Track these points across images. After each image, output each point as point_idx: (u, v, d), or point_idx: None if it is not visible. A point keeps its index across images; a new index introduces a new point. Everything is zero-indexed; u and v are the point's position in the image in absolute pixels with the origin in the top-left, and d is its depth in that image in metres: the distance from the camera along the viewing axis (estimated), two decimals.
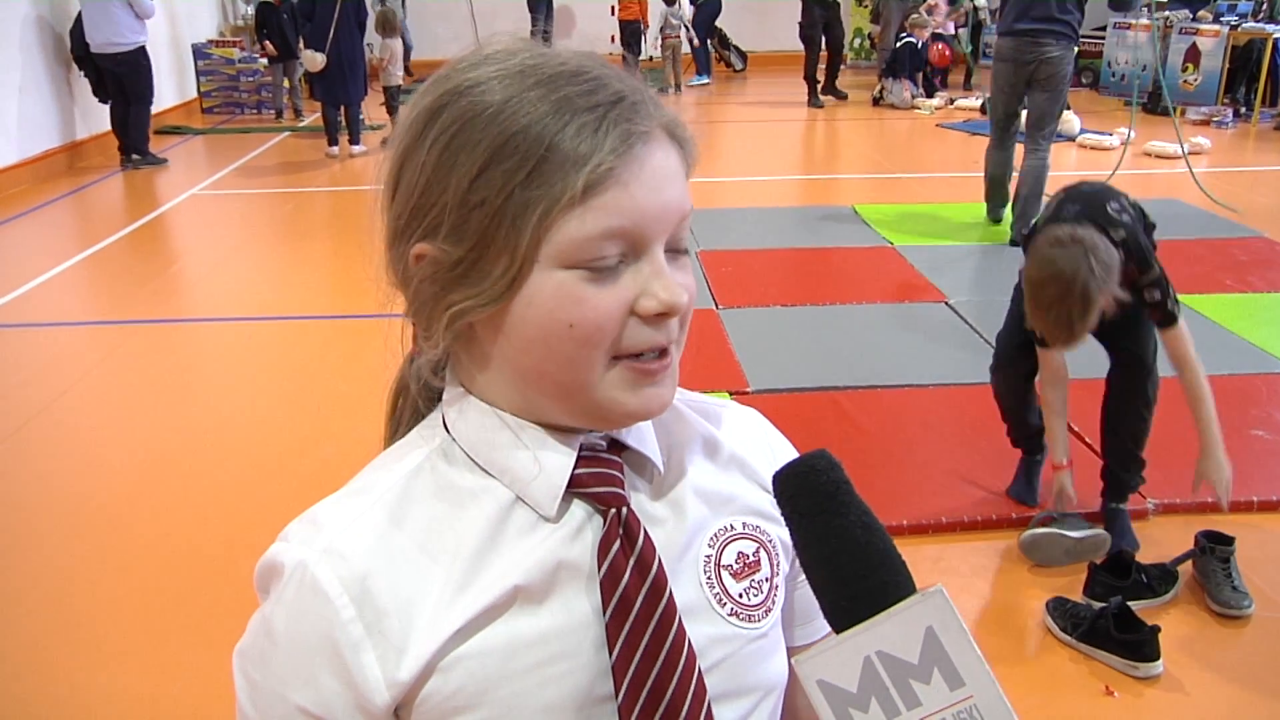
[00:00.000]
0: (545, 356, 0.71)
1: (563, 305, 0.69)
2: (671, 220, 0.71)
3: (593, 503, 0.75)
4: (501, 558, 0.73)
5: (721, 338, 4.18)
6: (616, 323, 0.70)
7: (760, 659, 0.80)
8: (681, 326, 0.75)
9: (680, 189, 0.72)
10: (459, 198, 0.69)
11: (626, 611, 0.72)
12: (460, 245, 0.70)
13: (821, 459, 0.67)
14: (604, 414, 0.74)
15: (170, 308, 4.89)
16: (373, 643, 0.70)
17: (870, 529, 0.65)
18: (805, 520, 0.66)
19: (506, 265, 0.69)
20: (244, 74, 10.72)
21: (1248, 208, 6.33)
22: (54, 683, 2.36)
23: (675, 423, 0.84)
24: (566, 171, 0.67)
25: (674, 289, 0.71)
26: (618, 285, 0.70)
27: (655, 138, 0.71)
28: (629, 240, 0.70)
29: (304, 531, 0.73)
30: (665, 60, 11.77)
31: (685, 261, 0.75)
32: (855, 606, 0.63)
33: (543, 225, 0.68)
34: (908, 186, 7.16)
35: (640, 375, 0.72)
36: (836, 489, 0.66)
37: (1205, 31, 9.58)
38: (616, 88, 0.71)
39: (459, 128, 0.70)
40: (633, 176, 0.69)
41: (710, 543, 0.80)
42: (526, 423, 0.75)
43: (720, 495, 0.82)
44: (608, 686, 0.72)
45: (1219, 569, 2.56)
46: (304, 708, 0.70)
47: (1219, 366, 3.85)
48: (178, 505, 3.12)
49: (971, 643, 0.60)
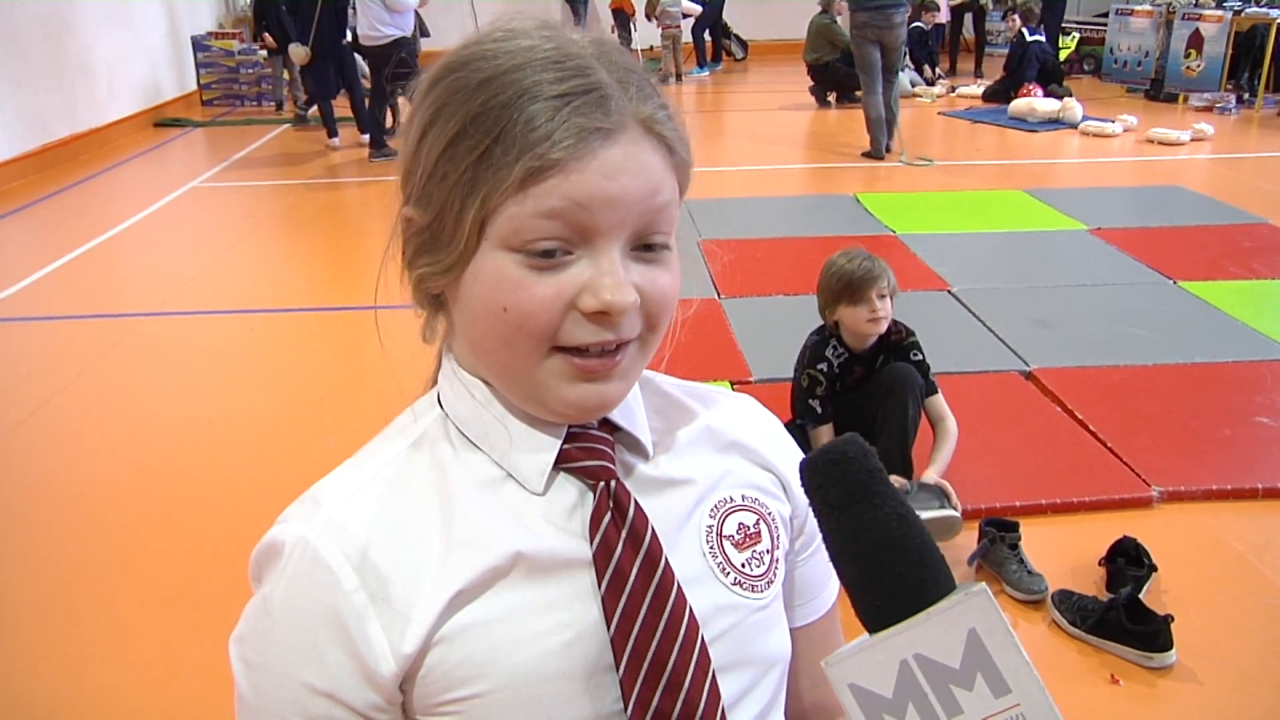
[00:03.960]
0: (486, 334, 0.72)
1: (500, 287, 0.69)
2: (630, 211, 0.69)
3: (581, 477, 0.75)
4: (500, 520, 0.73)
5: (724, 327, 4.17)
6: (552, 314, 0.69)
7: (763, 630, 0.80)
8: (651, 328, 0.73)
9: (646, 181, 0.69)
10: (429, 168, 0.71)
11: (621, 584, 0.72)
12: (426, 213, 0.72)
13: (853, 445, 0.63)
14: (543, 401, 0.73)
15: (171, 301, 4.88)
16: (377, 611, 0.70)
17: (906, 522, 0.61)
18: (836, 513, 0.62)
19: (458, 240, 0.70)
20: (244, 66, 10.70)
21: (1251, 194, 6.31)
22: (52, 677, 2.36)
23: (672, 409, 0.84)
24: (512, 158, 0.67)
25: (618, 288, 0.68)
26: (560, 277, 0.69)
27: (621, 133, 0.68)
28: (572, 226, 0.68)
29: (304, 509, 0.74)
30: (665, 50, 11.75)
31: (662, 259, 0.72)
32: (891, 606, 0.59)
33: (486, 207, 0.68)
34: (910, 175, 7.14)
35: (578, 370, 0.71)
36: (870, 478, 0.61)
37: (1208, 17, 9.54)
38: (594, 78, 0.69)
39: (443, 102, 0.71)
40: (580, 166, 0.67)
41: (711, 513, 0.80)
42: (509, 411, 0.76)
43: (719, 469, 0.82)
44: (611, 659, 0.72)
45: (1010, 556, 2.57)
46: (310, 684, 0.70)
47: (1223, 353, 3.86)
48: (177, 499, 3.11)
49: (1018, 646, 0.57)
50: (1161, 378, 3.68)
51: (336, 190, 7.22)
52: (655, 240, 0.71)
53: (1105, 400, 3.48)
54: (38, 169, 7.51)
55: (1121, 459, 3.09)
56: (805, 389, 2.79)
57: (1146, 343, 3.97)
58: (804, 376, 2.80)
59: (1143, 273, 4.80)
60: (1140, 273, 4.80)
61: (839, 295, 2.73)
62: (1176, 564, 2.60)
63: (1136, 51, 10.36)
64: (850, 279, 2.70)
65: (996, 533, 2.60)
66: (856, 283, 2.69)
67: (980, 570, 2.62)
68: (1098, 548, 2.61)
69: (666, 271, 0.72)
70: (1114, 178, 7.07)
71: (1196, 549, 2.71)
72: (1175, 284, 4.59)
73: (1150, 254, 5.00)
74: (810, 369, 2.79)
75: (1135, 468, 3.04)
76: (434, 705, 0.71)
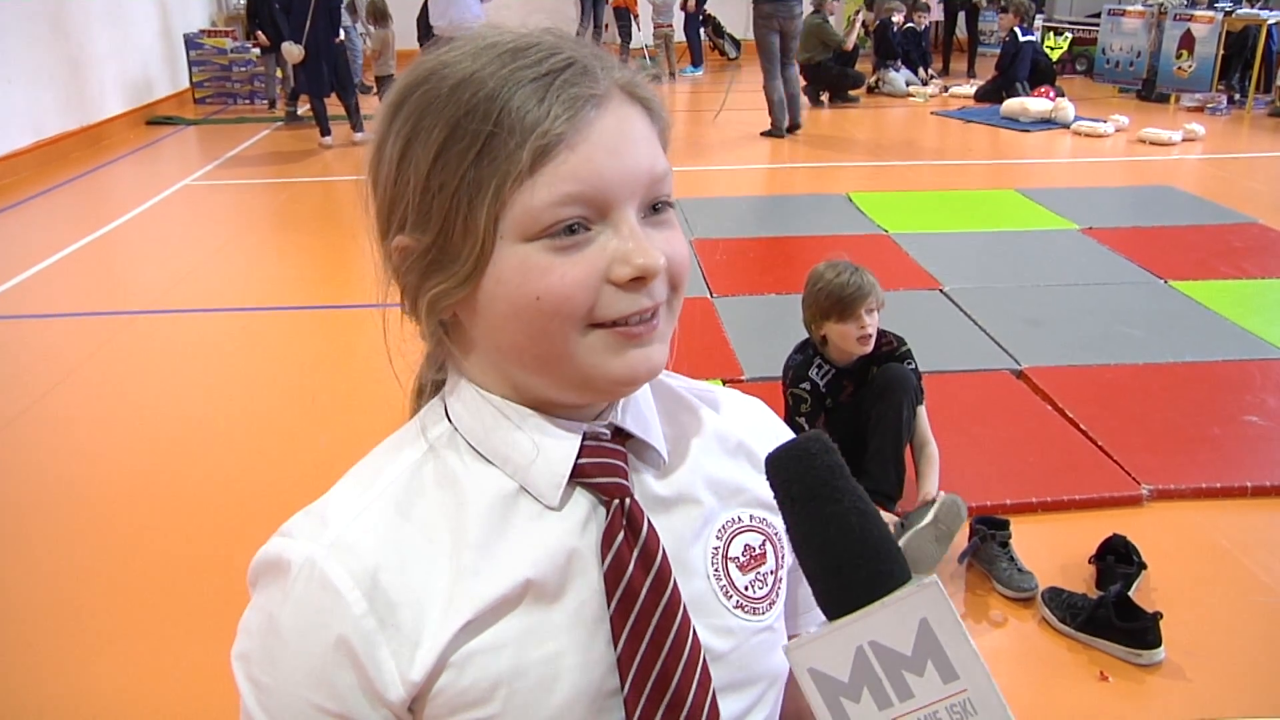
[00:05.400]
0: (519, 331, 0.70)
1: (529, 278, 0.68)
2: (639, 182, 0.70)
3: (596, 493, 0.74)
4: (510, 547, 0.72)
5: (716, 325, 4.18)
6: (587, 291, 0.68)
7: (765, 651, 0.80)
8: (674, 289, 0.73)
9: (647, 149, 0.71)
10: (420, 186, 0.70)
11: (631, 603, 0.72)
12: (427, 232, 0.70)
13: (815, 442, 0.65)
14: (589, 382, 0.72)
15: (164, 299, 4.87)
16: (386, 637, 0.69)
17: (865, 515, 0.63)
18: (798, 505, 0.64)
19: (471, 246, 0.69)
20: (236, 64, 10.67)
21: (1242, 194, 6.33)
22: (48, 676, 2.36)
23: (682, 411, 0.84)
24: (514, 144, 0.67)
25: (648, 252, 0.69)
26: (586, 254, 0.68)
27: (610, 100, 0.70)
28: (590, 205, 0.68)
29: (310, 527, 0.72)
30: (658, 48, 11.75)
31: (669, 219, 0.73)
32: (848, 595, 0.62)
33: (498, 202, 0.68)
34: (902, 174, 7.15)
35: (623, 338, 0.70)
36: (830, 474, 0.64)
37: (1200, 18, 9.57)
38: (567, 54, 0.70)
39: (417, 118, 0.70)
40: (583, 140, 0.67)
41: (719, 535, 0.80)
42: (527, 411, 0.74)
43: (729, 485, 0.82)
44: (618, 680, 0.72)
45: (1000, 554, 2.57)
46: (321, 705, 0.70)
47: (1213, 353, 3.88)
48: (173, 496, 3.11)
49: (966, 636, 0.60)
50: (1152, 377, 3.70)
51: (329, 188, 7.21)
52: (660, 200, 0.72)
53: (1096, 399, 3.50)
54: (30, 166, 7.48)
55: (1112, 457, 3.11)
56: (791, 407, 2.78)
57: (1137, 342, 3.99)
58: (788, 396, 2.79)
59: (1134, 272, 4.81)
60: (1131, 272, 4.82)
61: (827, 311, 2.67)
62: (1166, 562, 2.62)
63: (1128, 52, 10.39)
64: (840, 295, 2.63)
65: (987, 530, 2.61)
66: (846, 300, 2.62)
67: (971, 568, 2.63)
68: (1088, 545, 2.63)
69: (676, 232, 0.73)
70: (1105, 178, 7.09)
71: (1186, 547, 2.73)
72: (1166, 283, 4.61)
73: (1141, 253, 5.02)
74: (794, 388, 2.77)
75: (1125, 466, 3.05)
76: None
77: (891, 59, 10.70)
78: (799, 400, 2.76)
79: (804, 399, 2.75)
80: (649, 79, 0.75)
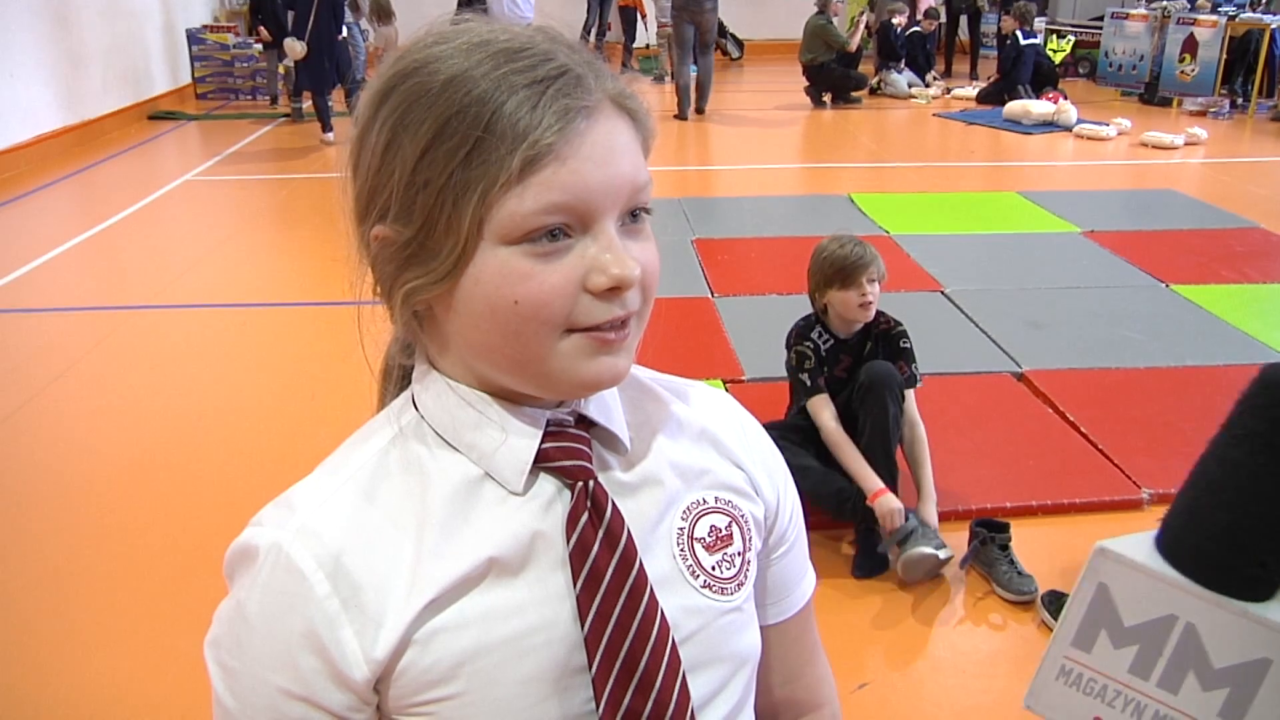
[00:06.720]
0: (494, 331, 0.71)
1: (508, 282, 0.69)
2: (621, 194, 0.70)
3: (560, 476, 0.76)
4: (473, 528, 0.73)
5: (717, 326, 4.17)
6: (565, 299, 0.69)
7: (733, 631, 0.81)
8: (644, 299, 0.74)
9: (631, 161, 0.71)
10: (405, 179, 0.70)
11: (597, 583, 0.73)
12: (409, 226, 0.71)
13: None
14: (556, 384, 0.73)
15: (164, 294, 4.87)
16: (349, 618, 0.70)
17: None
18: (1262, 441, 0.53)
19: (453, 244, 0.69)
20: (238, 59, 10.66)
21: (1244, 198, 6.33)
22: (45, 669, 2.35)
23: (648, 401, 0.85)
24: (504, 151, 0.67)
25: (625, 262, 0.70)
26: (565, 262, 0.69)
27: (600, 111, 0.70)
28: (573, 215, 0.69)
29: (278, 514, 0.74)
30: (661, 48, 11.74)
31: (645, 228, 0.74)
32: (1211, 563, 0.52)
33: (483, 204, 0.68)
34: (904, 176, 7.15)
35: (597, 344, 0.71)
36: None
37: (1203, 22, 9.57)
38: (561, 61, 0.70)
39: (405, 109, 0.70)
40: (573, 152, 0.68)
41: (683, 515, 0.81)
42: (491, 400, 0.75)
43: (693, 469, 0.83)
44: (584, 658, 0.73)
45: (1000, 556, 2.58)
46: (285, 689, 0.71)
47: (1214, 357, 3.87)
48: (170, 491, 3.11)
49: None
50: (1153, 380, 3.70)
51: (330, 185, 7.18)
52: (639, 208, 0.73)
53: (1096, 402, 3.49)
54: (31, 160, 7.48)
55: (1112, 461, 3.11)
56: (795, 365, 2.81)
57: (1138, 345, 3.99)
58: (792, 354, 2.83)
59: (1135, 275, 4.81)
60: (1133, 275, 4.82)
61: (830, 279, 2.75)
62: None
63: (1131, 55, 10.39)
64: (843, 263, 2.72)
65: (987, 533, 2.60)
66: (849, 267, 2.71)
67: (971, 571, 2.63)
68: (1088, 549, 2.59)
69: (651, 242, 0.74)
70: (1107, 181, 7.09)
71: None
72: (1167, 287, 4.61)
73: (1143, 257, 5.02)
74: (798, 345, 2.82)
75: (1126, 470, 3.05)
76: (408, 705, 0.72)
77: (894, 60, 10.70)
78: (803, 356, 2.80)
79: (808, 355, 2.79)
80: (651, 80, 0.75)
